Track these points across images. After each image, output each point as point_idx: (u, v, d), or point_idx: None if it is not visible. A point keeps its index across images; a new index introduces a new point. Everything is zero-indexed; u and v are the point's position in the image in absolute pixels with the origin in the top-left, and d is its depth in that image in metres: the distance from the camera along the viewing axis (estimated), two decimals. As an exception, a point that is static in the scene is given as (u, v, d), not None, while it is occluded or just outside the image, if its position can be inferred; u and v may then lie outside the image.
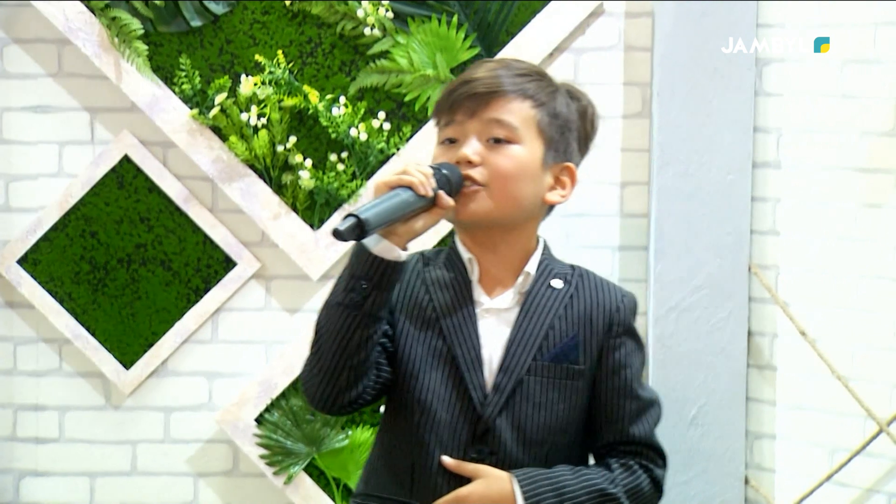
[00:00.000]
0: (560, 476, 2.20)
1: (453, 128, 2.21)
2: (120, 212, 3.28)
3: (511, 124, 2.19)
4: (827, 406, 3.08)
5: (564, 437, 2.23)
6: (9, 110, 3.28)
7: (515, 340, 2.21)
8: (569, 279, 2.27)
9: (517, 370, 2.20)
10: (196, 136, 3.23)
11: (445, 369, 2.20)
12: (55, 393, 3.33)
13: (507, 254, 2.24)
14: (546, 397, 2.21)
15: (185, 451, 3.33)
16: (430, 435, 2.19)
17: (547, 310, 2.23)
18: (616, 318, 2.25)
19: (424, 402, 2.20)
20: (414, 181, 2.09)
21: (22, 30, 3.25)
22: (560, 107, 2.25)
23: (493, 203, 2.18)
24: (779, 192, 3.15)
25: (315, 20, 3.21)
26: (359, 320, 2.12)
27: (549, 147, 2.23)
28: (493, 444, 2.19)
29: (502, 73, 2.22)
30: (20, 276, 3.28)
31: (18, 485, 3.35)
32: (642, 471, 2.26)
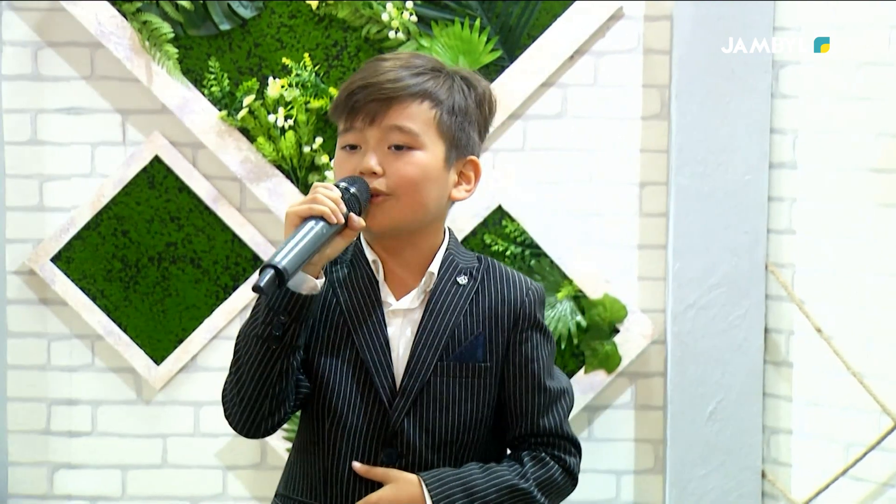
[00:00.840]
0: (469, 475, 2.16)
1: (353, 134, 2.13)
2: (151, 211, 3.28)
3: (412, 130, 2.11)
4: (842, 402, 3.08)
5: (473, 434, 2.18)
6: (43, 112, 3.28)
7: (421, 342, 2.15)
8: (474, 273, 2.20)
9: (423, 372, 2.14)
10: (225, 137, 3.23)
11: (356, 374, 2.15)
12: (88, 388, 3.34)
13: (413, 255, 2.18)
14: (453, 397, 2.16)
15: (214, 444, 3.34)
16: (341, 440, 2.15)
17: (451, 308, 2.17)
18: (522, 314, 2.19)
19: (335, 407, 2.15)
20: (325, 211, 2.02)
21: (56, 33, 3.26)
22: (458, 101, 2.16)
23: (400, 212, 2.12)
24: (795, 192, 3.15)
25: (341, 24, 3.22)
26: (279, 352, 2.07)
27: (451, 145, 2.16)
28: (402, 446, 2.15)
29: (399, 75, 2.13)
30: (54, 273, 3.28)
31: (52, 477, 3.36)
32: (554, 462, 2.21)
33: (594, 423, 3.30)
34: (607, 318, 3.22)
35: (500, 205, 3.24)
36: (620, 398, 3.31)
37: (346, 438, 2.15)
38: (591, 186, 3.26)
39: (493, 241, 3.23)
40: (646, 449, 3.31)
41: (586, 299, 3.22)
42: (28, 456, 3.35)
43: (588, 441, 3.29)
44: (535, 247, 3.23)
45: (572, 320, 3.22)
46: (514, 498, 2.17)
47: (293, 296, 2.04)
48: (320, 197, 2.03)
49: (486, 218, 3.24)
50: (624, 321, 3.23)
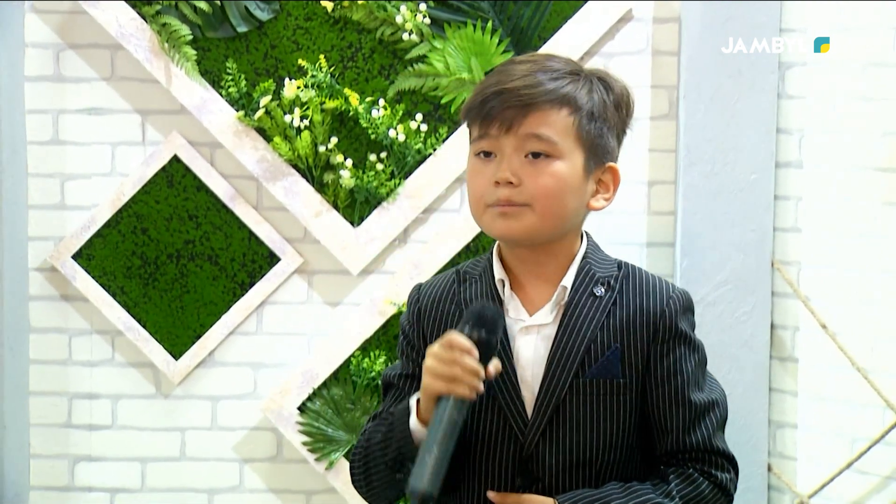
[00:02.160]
0: (608, 495, 1.99)
1: (488, 141, 2.00)
2: (169, 209, 3.29)
3: (550, 139, 1.97)
4: (847, 397, 3.08)
5: (613, 454, 2.02)
6: (64, 112, 3.29)
7: (555, 360, 1.99)
8: (612, 283, 2.04)
9: (557, 392, 1.99)
10: (242, 137, 3.24)
11: (485, 397, 1.97)
12: (108, 382, 3.35)
13: (548, 265, 2.03)
14: (589, 416, 2.00)
15: (231, 437, 3.34)
16: (472, 466, 2.02)
17: (588, 321, 2.01)
18: (662, 324, 2.01)
19: (469, 433, 2.01)
20: (466, 393, 1.87)
21: (77, 36, 3.27)
22: (597, 106, 2.02)
23: (537, 222, 1.98)
24: (801, 190, 3.15)
25: (355, 26, 3.22)
26: (401, 480, 1.95)
27: (591, 153, 2.01)
28: (538, 470, 2.00)
29: (536, 80, 1.99)
30: (75, 270, 3.29)
31: (73, 469, 3.37)
32: (703, 477, 2.02)
33: None
34: None
35: None
36: None
37: (479, 464, 2.03)
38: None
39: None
40: None
41: None
42: (49, 449, 3.36)
43: None
44: None
45: None
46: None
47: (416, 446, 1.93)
48: (458, 373, 1.88)
49: None
50: None
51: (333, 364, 3.26)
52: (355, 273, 3.27)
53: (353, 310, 3.29)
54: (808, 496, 3.14)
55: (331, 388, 3.27)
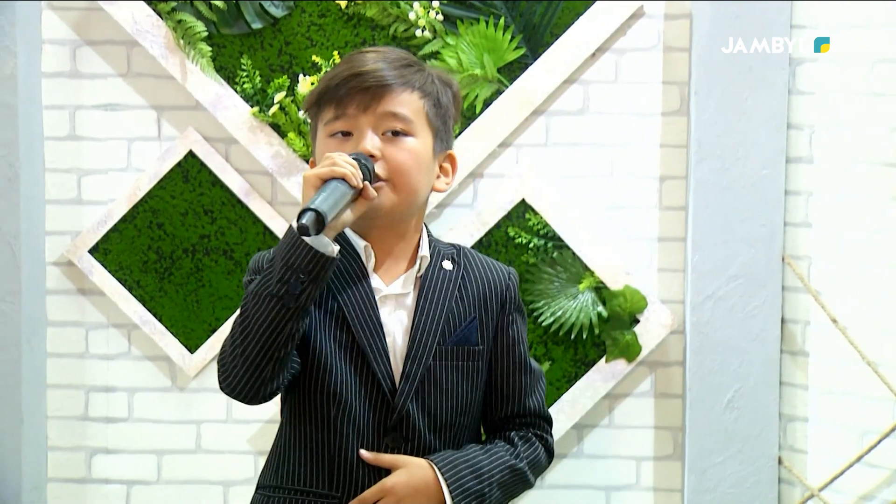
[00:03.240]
0: (475, 457, 2.17)
1: (345, 121, 2.12)
2: (185, 204, 3.30)
3: (406, 117, 2.13)
4: (857, 390, 3.08)
5: (468, 417, 2.20)
6: (81, 108, 3.30)
7: (419, 327, 2.14)
8: (456, 259, 2.21)
9: (424, 357, 2.14)
10: (256, 132, 3.24)
11: (353, 359, 2.12)
12: (124, 375, 3.35)
13: (399, 241, 2.17)
14: (452, 381, 2.16)
15: (245, 430, 3.35)
16: (347, 426, 2.13)
17: (443, 293, 2.17)
18: (508, 297, 2.22)
19: (338, 394, 2.12)
20: (347, 172, 2.01)
21: (93, 32, 3.27)
22: (441, 96, 2.19)
23: (395, 197, 2.12)
24: (811, 185, 3.15)
25: (369, 22, 3.23)
26: (291, 313, 2.01)
27: (437, 137, 2.18)
28: (408, 431, 2.14)
29: (387, 65, 2.14)
30: (91, 264, 3.30)
31: (90, 461, 3.37)
32: (538, 441, 2.26)
33: (615, 410, 3.30)
34: (628, 308, 3.22)
35: (523, 198, 3.23)
36: (640, 386, 3.30)
37: (351, 425, 2.13)
38: (612, 180, 3.26)
39: (517, 233, 3.24)
40: (665, 436, 3.31)
41: (607, 290, 3.22)
42: (67, 441, 3.36)
43: (609, 428, 3.30)
44: (557, 239, 3.23)
45: (593, 311, 3.22)
46: (514, 477, 2.20)
47: (315, 254, 2.00)
48: (339, 160, 2.02)
49: (509, 211, 3.24)
50: (644, 312, 3.23)
51: (347, 358, 3.27)
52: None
53: (366, 304, 3.30)
54: (818, 489, 3.14)
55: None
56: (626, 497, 3.32)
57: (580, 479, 3.31)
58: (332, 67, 2.20)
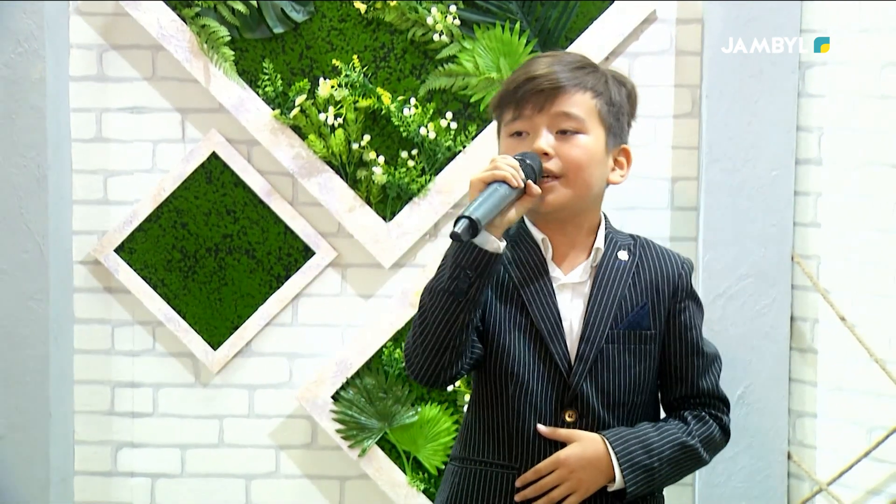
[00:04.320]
0: (645, 433, 2.24)
1: (522, 122, 2.23)
2: (208, 204, 3.31)
3: (578, 116, 2.21)
4: (865, 387, 3.08)
5: (642, 396, 2.27)
6: (107, 111, 3.31)
7: (593, 312, 2.23)
8: (632, 250, 2.30)
9: (597, 340, 2.22)
10: (278, 134, 3.25)
11: (531, 342, 2.22)
12: (149, 371, 3.36)
13: (577, 233, 2.27)
14: (624, 362, 2.24)
15: (267, 425, 3.36)
16: (524, 404, 2.22)
17: (617, 281, 2.26)
18: (680, 285, 2.29)
19: (517, 374, 2.22)
20: (507, 175, 2.11)
21: (119, 37, 3.29)
22: (614, 94, 2.27)
23: (569, 192, 2.21)
24: (820, 186, 3.15)
25: (388, 27, 3.23)
26: (462, 306, 2.14)
27: (610, 133, 2.26)
28: (583, 408, 2.22)
29: (561, 68, 2.23)
30: (117, 263, 3.31)
31: (116, 455, 3.38)
32: (713, 420, 2.31)
33: None
34: None
35: None
36: None
37: (529, 401, 2.22)
38: (625, 181, 3.26)
39: None
40: None
41: None
42: (93, 435, 3.38)
43: None
44: None
45: None
46: (685, 453, 2.27)
47: (480, 252, 2.12)
48: (501, 164, 2.13)
49: None
50: None
51: (366, 354, 3.28)
52: (387, 266, 3.29)
53: (385, 302, 3.31)
54: (826, 483, 3.14)
55: (363, 378, 3.28)
56: (638, 491, 3.33)
57: (594, 474, 3.32)
58: (513, 72, 2.31)
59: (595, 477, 2.21)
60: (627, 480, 2.21)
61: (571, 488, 2.21)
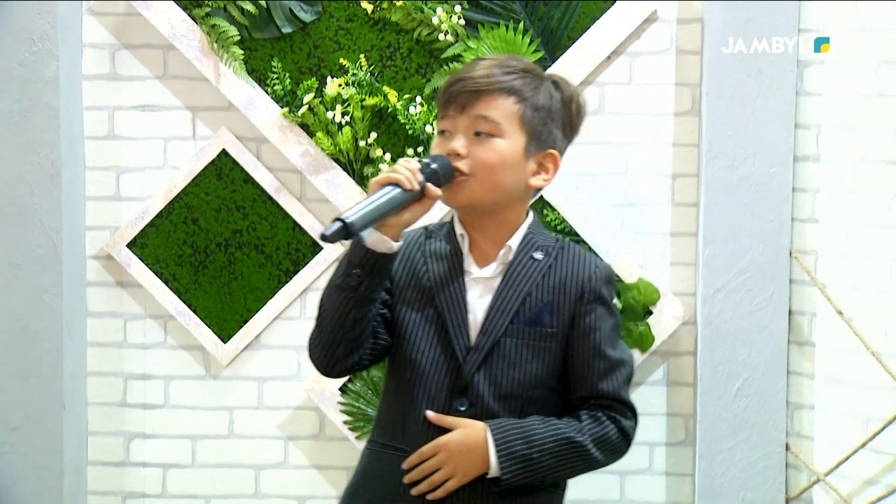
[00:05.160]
0: (530, 426, 2.23)
1: (446, 121, 2.25)
2: (218, 201, 3.32)
3: (494, 119, 2.22)
4: (862, 379, 3.09)
5: (536, 391, 2.26)
6: (119, 109, 3.31)
7: (495, 306, 2.25)
8: (550, 251, 2.29)
9: (495, 332, 2.24)
10: (286, 132, 3.26)
11: (435, 332, 2.26)
12: (161, 364, 3.37)
13: (495, 231, 2.28)
14: (520, 356, 2.25)
15: (276, 416, 3.37)
16: (418, 390, 2.25)
17: (526, 278, 2.26)
18: (587, 287, 2.26)
19: (415, 360, 2.25)
20: (400, 178, 2.14)
21: (131, 36, 3.30)
22: (543, 100, 2.26)
23: (478, 191, 2.22)
24: (818, 183, 3.15)
25: (394, 27, 3.24)
26: (353, 302, 2.18)
27: (532, 137, 2.24)
28: (473, 397, 2.24)
29: (491, 72, 2.24)
30: (129, 258, 3.32)
31: (128, 446, 3.39)
32: (609, 421, 2.27)
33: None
34: (641, 300, 3.23)
35: (541, 195, 3.18)
36: (653, 375, 3.31)
37: (423, 388, 2.25)
38: (626, 178, 3.27)
39: None
40: (677, 422, 3.32)
41: (622, 283, 3.23)
42: (106, 426, 3.39)
43: None
44: (574, 234, 3.24)
45: None
46: (571, 449, 2.24)
47: (367, 252, 2.16)
48: (398, 167, 2.16)
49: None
50: (657, 304, 3.24)
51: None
52: (393, 261, 3.30)
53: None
54: (824, 474, 3.15)
55: (370, 371, 3.28)
56: (639, 481, 3.33)
57: (596, 464, 3.34)
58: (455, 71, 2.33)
59: (474, 462, 2.22)
60: (503, 468, 2.21)
61: (450, 472, 2.22)
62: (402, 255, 2.30)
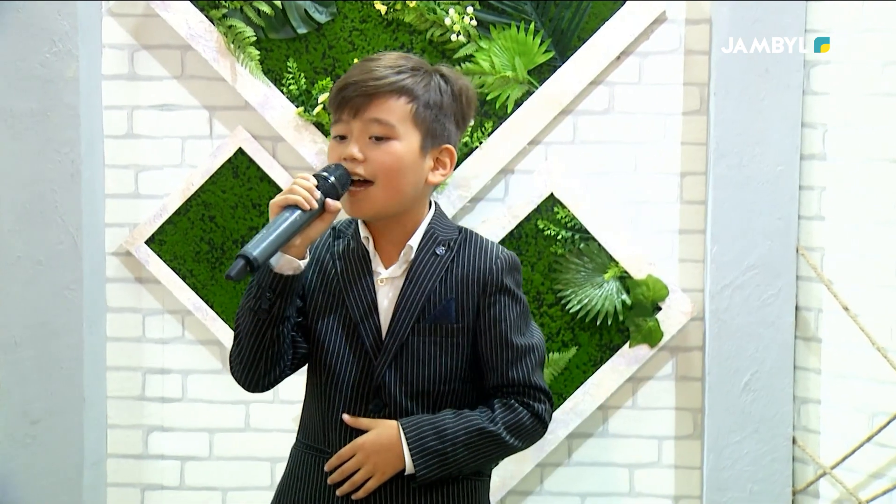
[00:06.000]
0: (442, 420, 2.25)
1: (341, 126, 2.24)
2: (235, 198, 3.32)
3: (388, 122, 2.21)
4: (867, 374, 3.09)
5: (448, 386, 2.28)
6: (138, 108, 3.33)
7: (401, 305, 2.26)
8: (452, 245, 2.29)
9: (402, 332, 2.25)
10: (301, 131, 3.27)
11: (346, 334, 2.27)
12: (178, 358, 3.39)
13: (398, 230, 2.29)
14: (429, 353, 2.26)
15: (291, 410, 3.37)
16: (334, 392, 2.28)
17: (429, 276, 2.26)
18: (489, 280, 2.27)
19: (329, 364, 2.27)
20: (298, 199, 2.13)
21: (150, 37, 3.31)
22: (433, 95, 2.25)
23: (380, 198, 2.23)
24: (824, 181, 3.15)
25: (407, 27, 3.25)
26: (267, 322, 2.20)
27: (426, 135, 2.25)
28: (386, 397, 2.26)
29: (382, 73, 2.22)
30: (148, 255, 3.33)
31: (147, 439, 3.41)
32: (522, 408, 2.29)
33: (638, 393, 3.32)
34: (650, 296, 3.24)
35: (552, 193, 3.26)
36: (662, 370, 3.32)
37: (339, 391, 2.28)
38: (635, 176, 3.28)
39: (546, 226, 3.26)
40: (685, 417, 3.33)
41: (631, 279, 3.24)
42: (125, 419, 3.41)
43: (632, 409, 3.31)
44: (584, 231, 3.25)
45: (618, 299, 3.24)
46: (484, 439, 2.26)
47: (276, 276, 2.17)
48: (295, 188, 2.15)
49: (539, 205, 3.26)
50: (665, 300, 3.24)
51: (386, 342, 3.30)
52: (407, 258, 3.30)
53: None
54: (830, 467, 3.16)
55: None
56: (648, 474, 3.34)
57: (605, 458, 3.33)
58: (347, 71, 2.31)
59: (391, 461, 2.25)
60: (417, 464, 2.23)
61: (369, 472, 2.25)
62: (311, 258, 2.30)
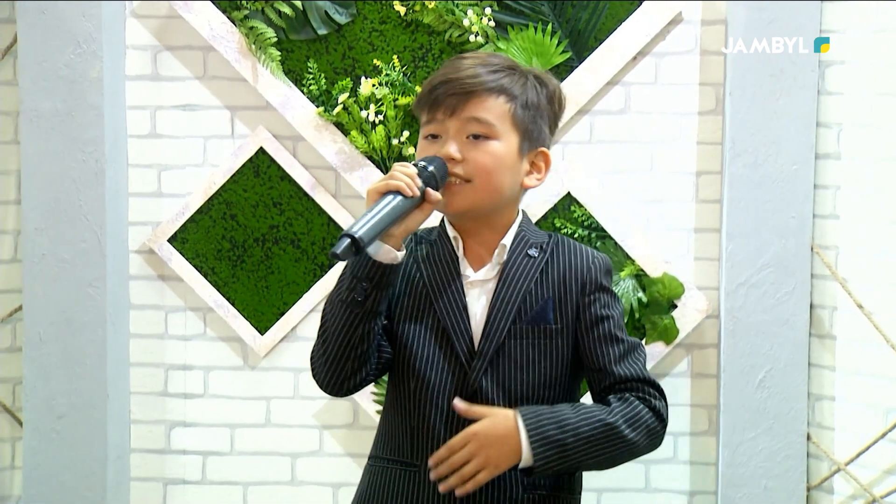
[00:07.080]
0: (561, 410, 2.10)
1: (435, 125, 2.15)
2: (256, 197, 3.33)
3: (488, 121, 2.12)
4: (882, 371, 3.08)
5: (548, 392, 2.16)
6: (161, 108, 3.33)
7: (495, 308, 2.14)
8: (544, 247, 2.19)
9: (497, 335, 2.13)
10: (322, 130, 3.27)
11: (437, 339, 2.14)
12: (200, 355, 3.39)
13: (488, 232, 2.19)
14: (527, 357, 2.14)
15: (311, 406, 3.38)
16: (425, 400, 2.14)
17: (523, 277, 2.16)
18: (588, 279, 2.17)
19: (418, 369, 2.14)
20: (401, 185, 2.03)
21: (172, 38, 3.31)
22: (531, 96, 2.17)
23: (477, 196, 2.13)
24: (839, 180, 3.14)
25: (426, 28, 3.25)
26: (361, 316, 2.08)
27: (525, 137, 2.16)
28: (483, 404, 2.11)
29: (477, 72, 2.13)
30: (170, 253, 3.34)
31: (169, 434, 3.42)
32: (639, 402, 2.14)
33: None
34: (666, 294, 3.23)
35: (569, 192, 3.26)
36: (678, 367, 3.31)
37: (430, 397, 2.14)
38: (651, 175, 3.28)
39: (563, 224, 3.26)
40: (701, 413, 3.32)
41: (647, 277, 3.24)
42: (148, 415, 3.41)
43: None
44: (600, 230, 3.25)
45: (634, 296, 3.23)
46: (605, 431, 2.10)
47: (374, 264, 2.06)
48: (396, 174, 2.05)
49: (556, 204, 3.26)
50: (681, 297, 3.24)
51: (405, 339, 3.30)
52: (425, 256, 3.31)
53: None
54: (844, 463, 3.15)
55: (403, 362, 3.29)
56: (664, 469, 3.33)
57: (621, 453, 3.35)
58: (433, 73, 2.23)
59: (504, 452, 2.07)
60: (536, 454, 2.06)
61: (481, 465, 2.07)
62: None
